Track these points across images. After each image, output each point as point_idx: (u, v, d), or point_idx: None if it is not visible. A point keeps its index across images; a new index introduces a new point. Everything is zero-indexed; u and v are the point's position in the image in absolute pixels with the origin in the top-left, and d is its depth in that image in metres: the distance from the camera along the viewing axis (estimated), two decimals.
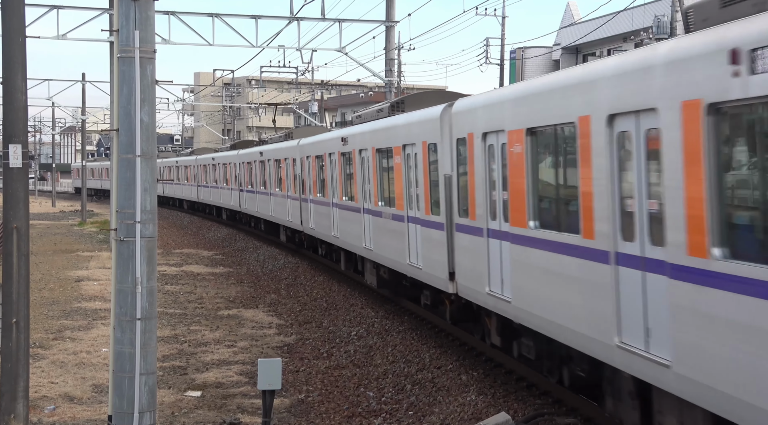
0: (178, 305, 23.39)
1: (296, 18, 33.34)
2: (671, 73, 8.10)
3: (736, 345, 7.33)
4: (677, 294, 8.08)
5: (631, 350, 8.93)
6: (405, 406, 13.41)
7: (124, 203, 8.66)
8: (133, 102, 8.59)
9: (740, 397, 7.31)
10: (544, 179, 11.24)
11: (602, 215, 9.43)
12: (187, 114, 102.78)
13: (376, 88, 65.98)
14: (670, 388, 8.29)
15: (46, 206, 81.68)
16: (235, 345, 18.31)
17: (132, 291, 8.65)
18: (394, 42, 33.93)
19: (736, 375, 7.36)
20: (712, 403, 7.71)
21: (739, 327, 7.28)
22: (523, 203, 11.66)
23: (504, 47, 48.75)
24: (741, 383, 7.29)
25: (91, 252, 37.05)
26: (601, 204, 9.47)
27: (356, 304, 21.82)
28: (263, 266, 31.16)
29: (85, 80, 57.37)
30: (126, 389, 8.66)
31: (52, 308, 22.48)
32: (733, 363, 7.39)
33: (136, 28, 8.57)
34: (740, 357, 7.30)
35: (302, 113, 61.43)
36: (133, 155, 8.63)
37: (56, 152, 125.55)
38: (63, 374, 15.68)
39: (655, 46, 8.71)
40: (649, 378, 8.67)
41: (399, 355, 16.30)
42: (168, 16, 33.04)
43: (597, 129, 9.49)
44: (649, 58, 8.57)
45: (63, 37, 32.60)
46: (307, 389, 14.94)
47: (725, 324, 7.47)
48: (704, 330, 7.73)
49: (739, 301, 7.27)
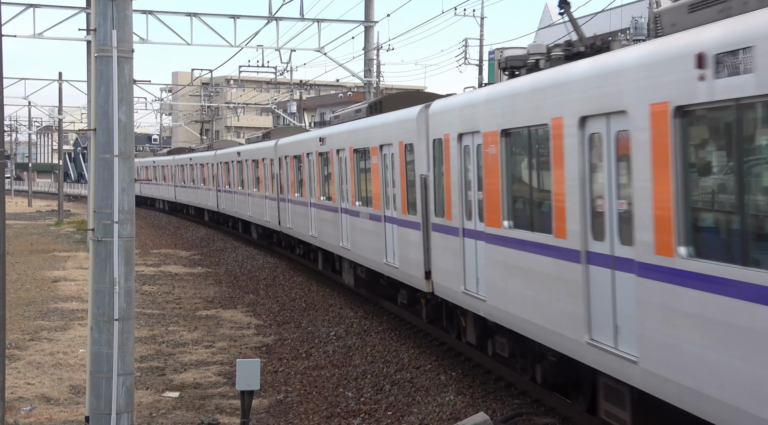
0: (156, 306, 23.30)
1: (275, 18, 33.30)
2: (640, 77, 8.27)
3: (700, 341, 7.51)
4: (644, 292, 8.30)
5: (601, 347, 9.13)
6: (384, 406, 13.42)
7: (101, 203, 8.63)
8: (110, 102, 8.56)
9: (704, 392, 7.48)
10: (519, 179, 11.41)
11: (574, 215, 9.62)
12: (165, 114, 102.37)
13: (355, 88, 65.98)
14: (637, 383, 8.49)
15: (23, 205, 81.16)
16: (213, 346, 18.26)
17: (109, 292, 8.62)
18: (373, 42, 33.95)
19: (700, 371, 7.54)
20: (677, 398, 7.89)
21: (703, 323, 7.46)
22: (497, 203, 11.85)
23: (483, 48, 48.92)
24: (705, 378, 7.48)
25: (68, 252, 36.84)
26: (572, 204, 9.65)
27: (335, 304, 21.81)
28: (242, 267, 31.09)
29: (61, 79, 57.04)
30: (103, 390, 8.63)
31: (28, 309, 22.34)
32: (697, 359, 7.57)
33: (114, 27, 8.54)
34: (704, 352, 7.49)
35: (281, 113, 61.35)
36: (110, 155, 8.60)
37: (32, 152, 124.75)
38: (39, 375, 15.58)
39: (625, 49, 8.93)
40: (618, 374, 8.84)
41: (378, 355, 16.31)
42: (146, 16, 32.92)
43: (569, 131, 9.66)
44: (619, 61, 8.74)
45: (39, 36, 32.42)
46: (286, 389, 14.92)
47: (690, 320, 7.66)
48: (669, 326, 7.93)
49: (703, 298, 7.48)
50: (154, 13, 32.84)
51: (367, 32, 33.48)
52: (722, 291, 7.25)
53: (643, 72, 8.23)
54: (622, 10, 39.25)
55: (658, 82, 8.00)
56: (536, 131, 10.63)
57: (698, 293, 7.53)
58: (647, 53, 8.27)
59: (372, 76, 34.62)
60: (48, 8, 32.61)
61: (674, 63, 7.75)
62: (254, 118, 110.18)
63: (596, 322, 9.32)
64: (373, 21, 33.34)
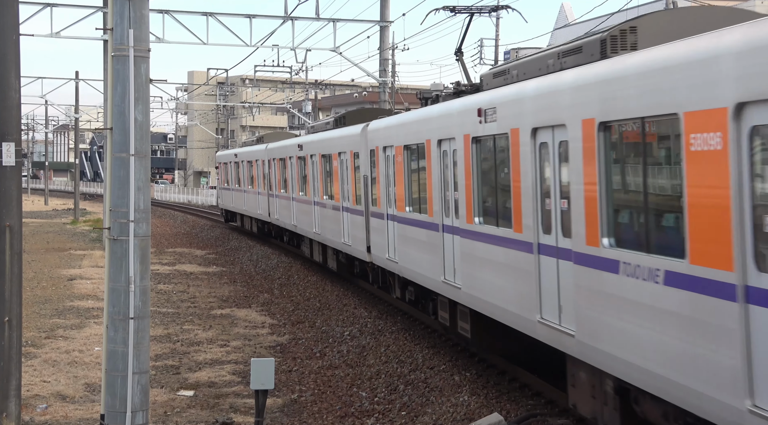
0: (171, 305, 23.37)
1: (290, 17, 33.34)
2: (575, 96, 9.81)
3: (621, 317, 8.95)
4: (578, 276, 9.84)
5: (549, 324, 10.69)
6: (398, 406, 13.41)
7: (117, 201, 8.65)
8: (127, 101, 8.58)
9: (625, 358, 8.85)
10: (484, 181, 13.08)
11: (528, 212, 11.25)
12: (180, 113, 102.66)
13: (370, 88, 65.98)
14: (575, 353, 10.04)
15: (39, 204, 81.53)
16: (228, 345, 18.30)
17: (125, 290, 8.64)
18: (388, 42, 33.93)
19: (622, 341, 8.93)
20: (605, 364, 9.32)
21: (622, 302, 8.91)
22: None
23: (498, 48, 48.81)
24: (626, 347, 8.85)
25: (84, 251, 36.99)
26: (527, 203, 11.26)
27: (349, 304, 21.82)
28: (256, 266, 31.14)
29: (78, 79, 57.26)
30: (119, 388, 8.65)
31: (44, 307, 22.44)
32: (619, 331, 9.01)
33: (131, 26, 8.56)
34: (624, 326, 8.91)
35: (296, 113, 61.40)
36: (126, 154, 8.62)
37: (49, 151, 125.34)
38: (55, 373, 15.65)
39: (564, 72, 10.42)
40: (561, 346, 10.43)
41: (392, 355, 16.30)
42: (162, 15, 33.02)
43: (524, 140, 11.27)
44: (560, 82, 10.31)
45: (57, 35, 32.54)
46: (300, 389, 14.93)
47: (612, 300, 9.12)
48: (597, 305, 9.44)
49: (621, 281, 8.92)
50: (171, 12, 32.92)
51: (382, 32, 33.47)
52: (635, 274, 8.66)
53: (577, 92, 9.77)
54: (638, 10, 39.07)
55: (587, 101, 9.49)
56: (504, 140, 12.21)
57: (617, 277, 8.98)
58: (580, 75, 9.78)
59: (387, 76, 34.59)
60: (65, 7, 32.76)
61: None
62: (269, 117, 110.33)
63: (546, 303, 10.89)
64: (389, 21, 33.33)
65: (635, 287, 8.65)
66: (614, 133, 9.18)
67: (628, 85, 8.67)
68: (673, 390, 8.08)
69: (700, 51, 7.59)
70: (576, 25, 47.50)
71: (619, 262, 8.95)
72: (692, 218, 7.71)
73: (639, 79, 8.44)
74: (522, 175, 11.33)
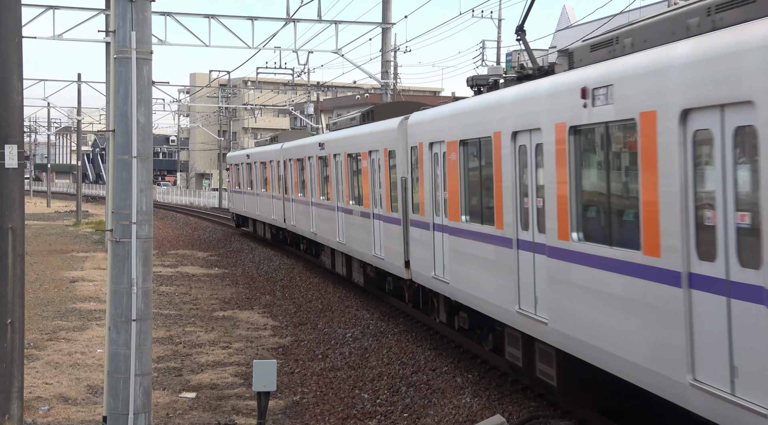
0: (173, 307, 23.37)
1: (293, 19, 33.36)
2: (549, 102, 10.58)
3: (589, 305, 9.68)
4: (552, 269, 10.67)
5: (526, 314, 11.54)
6: (400, 408, 13.42)
7: (119, 203, 8.66)
8: (129, 103, 8.59)
9: (592, 343, 9.64)
10: (474, 181, 13.74)
11: (509, 210, 11.98)
12: (182, 115, 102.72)
13: (372, 90, 65.99)
14: (548, 340, 10.88)
15: (41, 206, 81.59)
16: (230, 347, 18.30)
17: (127, 292, 8.65)
18: (390, 44, 33.95)
19: (589, 327, 9.69)
20: (574, 349, 10.16)
21: (590, 292, 9.65)
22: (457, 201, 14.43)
23: (500, 50, 48.83)
24: (594, 333, 9.59)
25: (86, 253, 37.01)
26: (507, 201, 12.02)
27: (351, 306, 21.82)
28: (258, 268, 31.15)
29: (80, 81, 57.33)
30: (121, 390, 8.66)
31: (46, 309, 22.45)
32: (587, 320, 9.74)
33: (133, 28, 8.57)
34: (591, 314, 9.64)
35: (298, 115, 61.44)
36: (129, 156, 8.63)
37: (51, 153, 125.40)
38: (57, 375, 15.66)
39: (540, 80, 11.03)
40: (535, 333, 11.27)
41: (394, 357, 16.31)
42: (164, 17, 33.04)
43: (505, 142, 11.98)
44: (537, 89, 10.94)
45: (59, 38, 32.58)
46: (302, 390, 14.93)
47: (581, 290, 9.88)
48: (568, 295, 10.22)
49: (589, 272, 9.68)
50: (173, 14, 32.96)
51: (384, 34, 33.49)
52: (600, 265, 9.40)
53: (551, 99, 10.50)
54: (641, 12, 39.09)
55: (559, 107, 10.25)
56: (486, 142, 12.90)
57: (585, 268, 9.75)
58: (554, 84, 10.47)
59: (389, 78, 34.61)
60: (67, 10, 32.77)
61: (569, 93, 10.06)
62: (271, 119, 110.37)
63: (523, 295, 11.69)
64: (391, 23, 33.35)
65: (600, 277, 9.45)
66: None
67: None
68: (635, 372, 8.88)
69: (655, 61, 8.40)
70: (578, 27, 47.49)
71: (586, 255, 9.75)
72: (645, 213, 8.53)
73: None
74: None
